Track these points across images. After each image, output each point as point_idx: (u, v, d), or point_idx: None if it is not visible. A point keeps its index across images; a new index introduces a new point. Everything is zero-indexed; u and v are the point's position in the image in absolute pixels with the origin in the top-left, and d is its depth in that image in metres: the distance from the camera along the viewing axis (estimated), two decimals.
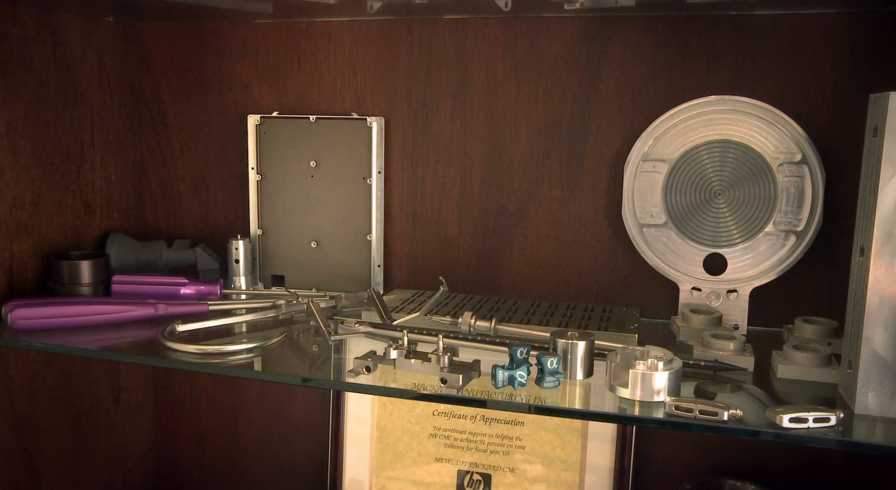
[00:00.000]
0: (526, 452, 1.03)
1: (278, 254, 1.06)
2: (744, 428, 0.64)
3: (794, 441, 0.62)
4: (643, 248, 0.93)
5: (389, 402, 1.07)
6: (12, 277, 0.92)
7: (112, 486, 1.13)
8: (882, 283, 0.64)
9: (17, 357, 0.94)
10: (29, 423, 0.97)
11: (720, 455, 0.98)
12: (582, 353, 0.73)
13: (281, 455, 1.15)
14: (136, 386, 1.16)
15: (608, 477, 1.00)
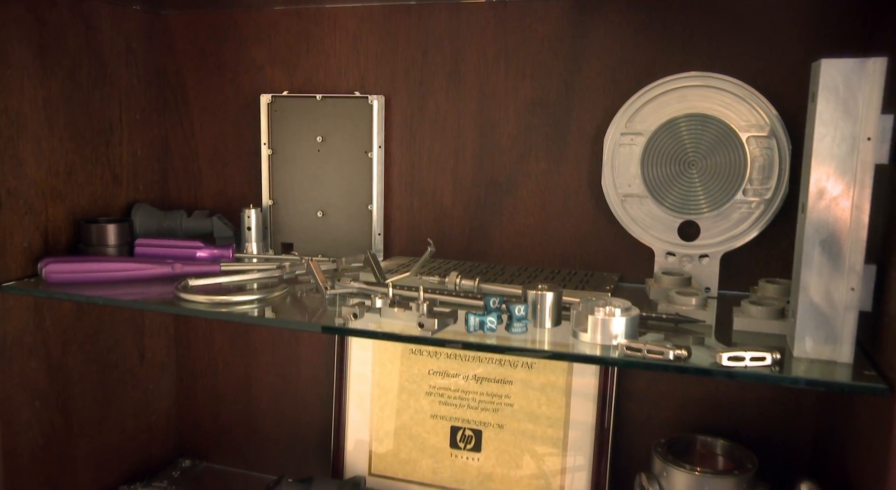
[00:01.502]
0: (514, 410, 1.10)
1: (287, 223, 1.15)
2: (686, 365, 0.70)
3: (729, 376, 0.69)
4: (622, 217, 1.00)
5: (389, 362, 1.15)
6: (47, 239, 1.03)
7: (136, 437, 1.22)
8: (816, 235, 0.69)
9: (51, 311, 1.04)
10: (62, 371, 1.07)
11: (696, 415, 1.04)
12: (550, 303, 0.80)
13: (290, 413, 1.24)
14: (160, 346, 1.26)
15: (590, 433, 1.06)
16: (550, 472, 1.08)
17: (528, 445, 1.09)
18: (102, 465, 1.16)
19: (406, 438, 1.15)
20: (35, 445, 1.04)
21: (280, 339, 1.23)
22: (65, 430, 1.09)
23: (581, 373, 1.06)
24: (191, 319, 1.27)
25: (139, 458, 1.23)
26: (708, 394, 1.03)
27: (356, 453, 1.18)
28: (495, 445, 1.11)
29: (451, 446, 1.13)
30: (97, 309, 1.12)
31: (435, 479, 1.14)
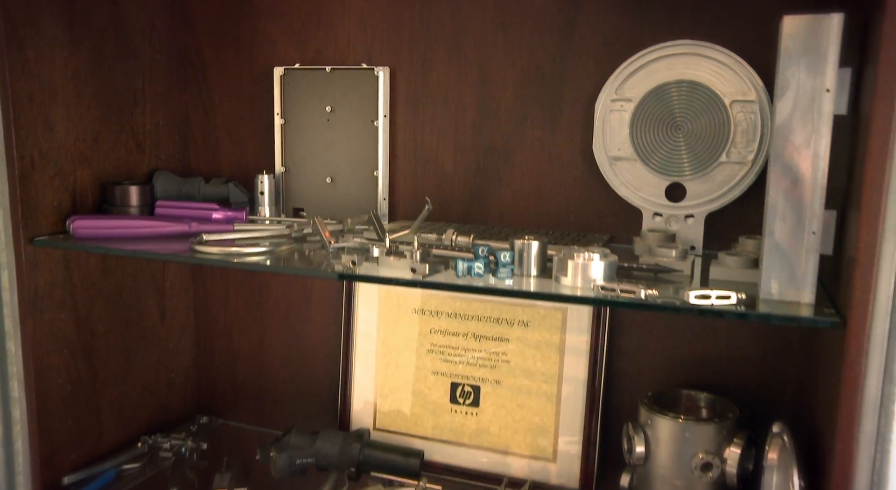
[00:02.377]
0: (511, 366, 1.15)
1: (298, 188, 1.21)
2: (656, 302, 0.75)
3: (695, 313, 0.74)
4: (612, 180, 1.05)
5: (393, 321, 1.21)
6: (75, 199, 1.10)
7: (157, 391, 1.30)
8: (780, 183, 0.74)
9: (78, 267, 1.12)
10: (88, 324, 1.15)
11: (684, 371, 1.09)
12: (535, 252, 0.86)
13: (301, 372, 1.31)
14: (179, 308, 1.33)
15: (582, 388, 1.11)
16: (545, 425, 1.13)
17: (523, 400, 1.14)
18: (125, 415, 1.24)
19: (408, 394, 1.21)
20: (64, 391, 1.12)
21: (292, 301, 1.29)
22: (91, 379, 1.16)
23: (574, 330, 1.11)
24: (209, 283, 1.35)
25: (159, 412, 1.31)
26: (695, 351, 1.08)
27: (362, 409, 1.24)
28: (493, 401, 1.16)
29: (451, 402, 1.19)
30: (120, 268, 1.20)
31: (435, 433, 1.20)
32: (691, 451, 0.96)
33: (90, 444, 1.18)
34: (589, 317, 1.10)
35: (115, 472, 1.18)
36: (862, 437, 0.69)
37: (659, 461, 0.98)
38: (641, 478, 1.01)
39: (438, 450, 1.19)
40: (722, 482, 0.96)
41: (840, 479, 0.70)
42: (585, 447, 1.11)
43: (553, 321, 1.12)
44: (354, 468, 1.13)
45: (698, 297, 0.74)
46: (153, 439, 1.25)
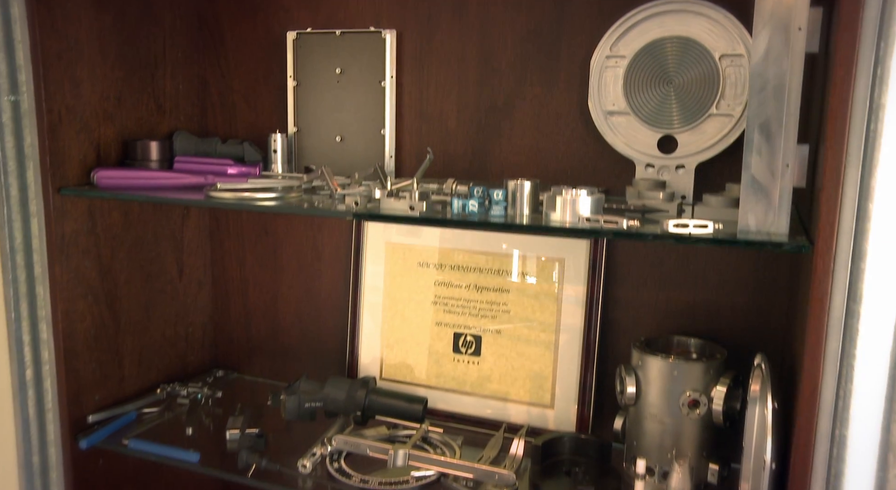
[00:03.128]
0: (511, 316, 1.20)
1: (310, 147, 1.27)
2: (637, 231, 0.80)
3: (672, 240, 0.78)
4: (607, 134, 1.09)
5: (399, 274, 1.27)
6: (99, 154, 1.17)
7: (175, 343, 1.37)
8: (756, 119, 0.78)
9: (102, 218, 1.19)
10: (111, 272, 1.21)
11: (676, 320, 1.13)
12: (528, 192, 0.91)
13: (312, 327, 1.37)
14: (197, 264, 1.40)
15: (579, 337, 1.16)
16: (543, 372, 1.18)
17: (522, 349, 1.19)
18: (144, 364, 1.30)
19: (413, 345, 1.26)
20: (88, 335, 1.19)
21: (304, 258, 1.35)
22: (113, 325, 1.23)
23: (571, 280, 1.16)
24: (225, 242, 1.41)
25: (177, 363, 1.38)
26: (687, 300, 1.12)
27: (369, 360, 1.30)
28: (493, 350, 1.21)
29: (453, 351, 1.24)
30: (141, 223, 1.27)
31: (438, 382, 1.25)
32: (679, 389, 1.00)
33: (112, 388, 1.24)
34: (585, 267, 1.15)
35: (136, 415, 1.24)
36: (828, 353, 0.74)
37: (649, 400, 1.02)
38: (633, 419, 1.05)
39: (441, 398, 1.24)
40: (709, 420, 1.00)
41: (808, 394, 0.75)
42: (581, 393, 1.16)
43: (551, 271, 1.17)
44: (360, 412, 1.18)
45: (676, 225, 0.79)
46: (171, 387, 1.32)
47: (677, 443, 1.01)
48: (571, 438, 1.12)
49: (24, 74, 1.07)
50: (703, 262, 1.10)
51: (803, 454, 0.76)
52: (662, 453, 1.02)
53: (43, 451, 1.21)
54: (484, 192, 0.91)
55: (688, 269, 1.11)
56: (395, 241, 1.26)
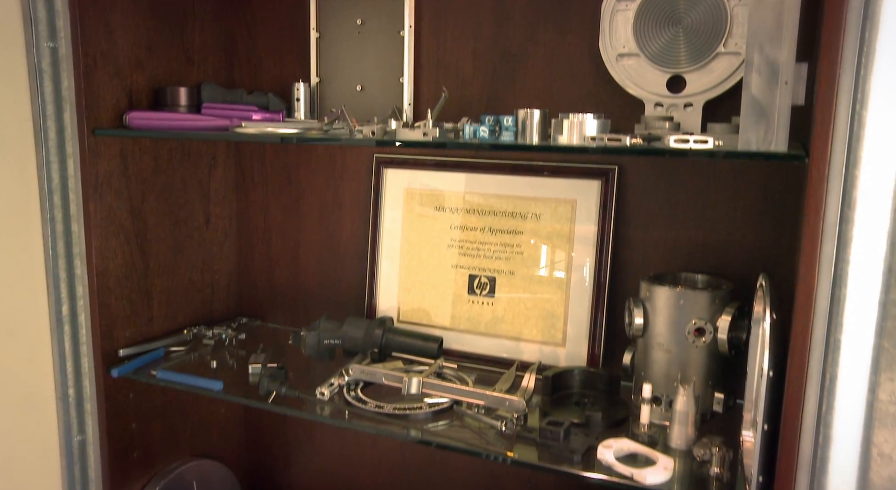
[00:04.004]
0: (524, 257, 1.24)
1: (331, 96, 1.32)
2: (640, 148, 0.83)
3: (674, 154, 0.81)
4: (617, 74, 1.12)
5: (416, 219, 1.31)
6: (131, 99, 1.23)
7: (202, 289, 1.42)
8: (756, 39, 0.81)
9: (133, 162, 1.25)
10: (142, 214, 1.27)
11: (684, 259, 1.15)
12: (537, 120, 0.94)
13: (332, 272, 1.41)
14: (223, 214, 1.45)
15: (590, 276, 1.19)
16: (555, 311, 1.21)
17: (536, 289, 1.23)
18: (172, 306, 1.36)
19: (430, 288, 1.31)
20: (119, 272, 1.25)
21: (325, 207, 1.40)
22: (143, 265, 1.29)
23: (582, 220, 1.19)
24: (251, 193, 1.46)
25: (203, 309, 1.43)
26: (697, 238, 1.14)
27: (386, 303, 1.34)
28: (507, 290, 1.25)
29: (468, 293, 1.28)
30: (171, 169, 1.32)
31: (454, 323, 1.29)
32: (686, 318, 1.03)
33: (142, 326, 1.30)
34: (596, 208, 1.18)
35: (163, 352, 1.30)
36: (823, 259, 0.76)
37: (656, 330, 1.05)
38: (641, 351, 1.08)
39: (456, 339, 1.28)
40: (714, 349, 1.03)
41: (803, 300, 0.77)
42: (592, 332, 1.19)
43: (563, 212, 1.20)
44: (377, 350, 1.23)
45: (677, 140, 0.82)
46: (197, 329, 1.37)
47: (683, 372, 1.04)
48: (581, 372, 1.15)
49: (61, 20, 1.13)
50: (711, 200, 1.13)
51: (799, 358, 0.79)
52: (669, 383, 1.05)
53: (78, 383, 1.27)
54: (495, 119, 0.95)
55: (696, 208, 1.14)
56: (413, 187, 1.30)
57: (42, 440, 1.30)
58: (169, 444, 1.38)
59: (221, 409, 1.50)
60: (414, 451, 1.40)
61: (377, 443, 1.44)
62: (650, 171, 1.16)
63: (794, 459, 0.81)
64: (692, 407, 0.98)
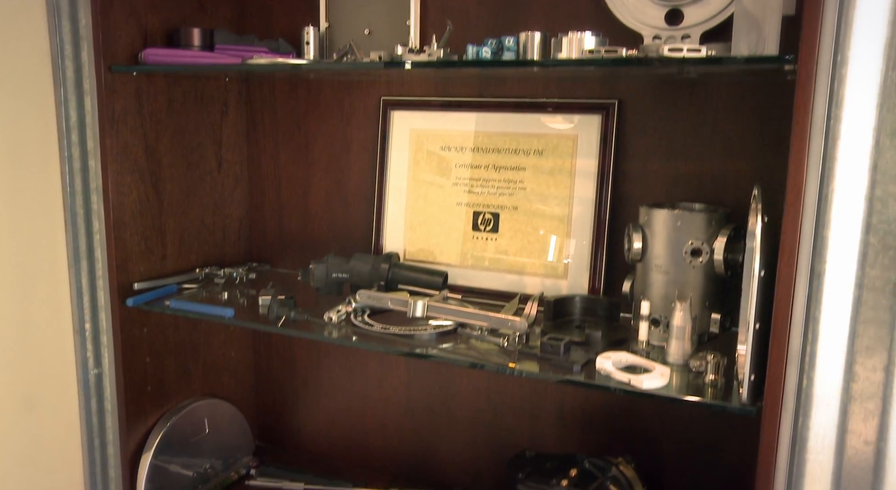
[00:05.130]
0: (527, 193, 1.27)
1: (340, 40, 1.35)
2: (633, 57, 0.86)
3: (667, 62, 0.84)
4: (618, 10, 1.15)
5: (422, 159, 1.34)
6: (146, 39, 1.27)
7: (214, 232, 1.46)
8: None
9: (148, 102, 1.29)
10: (156, 153, 1.31)
11: (683, 191, 1.18)
12: (538, 41, 0.98)
13: (340, 215, 1.45)
14: (234, 160, 1.49)
15: (591, 209, 1.22)
16: (557, 243, 1.25)
17: (538, 223, 1.26)
18: (185, 246, 1.40)
19: (435, 225, 1.34)
20: (134, 208, 1.29)
21: (333, 151, 1.44)
22: (157, 204, 1.33)
23: (583, 155, 1.22)
24: (261, 141, 1.50)
25: (214, 251, 1.47)
26: (695, 169, 1.17)
27: (393, 243, 1.37)
28: (510, 225, 1.28)
29: (472, 230, 1.31)
30: (184, 111, 1.36)
31: (458, 260, 1.32)
32: (683, 239, 1.06)
33: (156, 263, 1.34)
34: (597, 142, 1.21)
35: (176, 287, 1.34)
36: (811, 155, 0.79)
37: (655, 252, 1.08)
38: (640, 276, 1.11)
39: (461, 274, 1.32)
40: (711, 271, 1.06)
41: (793, 196, 0.80)
42: (593, 263, 1.22)
43: (565, 147, 1.23)
44: (384, 283, 1.26)
45: (671, 50, 0.85)
46: (209, 269, 1.41)
47: (681, 292, 1.07)
48: (582, 298, 1.18)
49: None
50: (709, 131, 1.16)
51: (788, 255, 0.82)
52: (667, 304, 1.08)
53: (94, 316, 1.32)
54: (497, 41, 0.98)
55: (695, 140, 1.17)
56: (419, 128, 1.34)
57: (60, 374, 1.35)
58: (181, 382, 1.42)
59: (232, 353, 1.54)
60: (420, 391, 1.44)
61: (383, 383, 1.47)
62: (650, 105, 1.19)
63: (784, 354, 0.84)
64: (689, 322, 1.01)
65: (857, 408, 0.82)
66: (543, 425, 1.34)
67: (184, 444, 1.39)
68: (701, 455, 1.23)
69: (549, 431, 1.33)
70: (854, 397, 0.82)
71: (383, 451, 1.50)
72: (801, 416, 0.85)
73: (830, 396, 0.83)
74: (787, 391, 0.85)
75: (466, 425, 1.41)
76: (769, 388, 0.85)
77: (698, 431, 1.22)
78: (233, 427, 1.51)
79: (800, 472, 0.86)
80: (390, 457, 1.49)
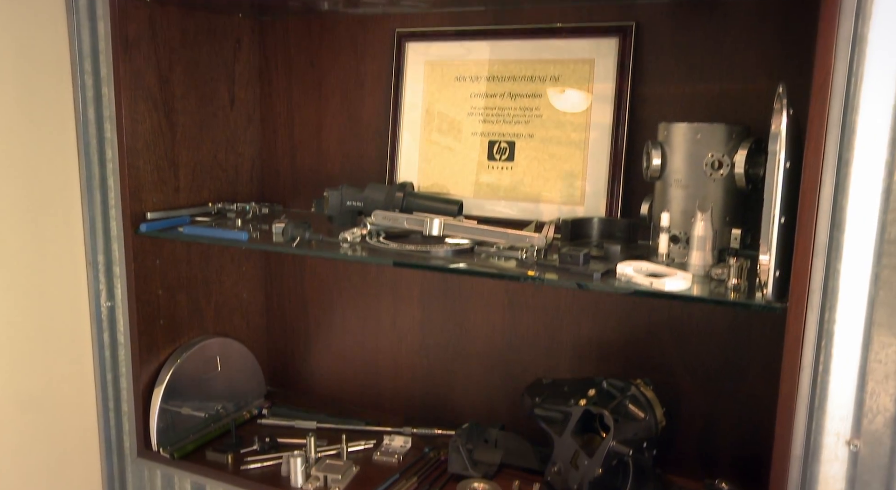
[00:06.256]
0: (543, 120, 1.26)
1: None
2: None
3: None
4: None
5: (437, 90, 1.33)
6: None
7: (226, 168, 1.45)
8: None
9: (161, 31, 1.28)
10: (169, 84, 1.30)
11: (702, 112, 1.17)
12: None
13: (354, 149, 1.44)
14: (247, 98, 1.48)
15: (608, 134, 1.21)
16: (573, 170, 1.24)
17: (554, 150, 1.25)
18: (197, 180, 1.39)
19: (449, 156, 1.33)
20: (147, 137, 1.28)
21: (347, 85, 1.42)
22: (170, 135, 1.32)
23: (600, 79, 1.21)
24: (274, 80, 1.49)
25: (227, 189, 1.46)
26: (714, 90, 1.16)
27: (407, 176, 1.36)
28: (526, 153, 1.27)
29: (488, 159, 1.30)
30: (197, 44, 1.35)
31: (474, 190, 1.31)
32: (703, 152, 1.04)
33: (169, 194, 1.33)
34: (614, 66, 1.20)
35: (189, 218, 1.33)
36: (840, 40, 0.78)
37: (674, 167, 1.07)
38: (658, 195, 1.10)
39: (476, 205, 1.31)
40: (731, 185, 1.04)
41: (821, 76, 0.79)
42: (610, 188, 1.21)
43: (583, 71, 1.22)
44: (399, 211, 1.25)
45: None
46: (222, 204, 1.40)
47: (702, 205, 1.05)
48: (600, 220, 1.17)
49: None
50: (730, 48, 1.14)
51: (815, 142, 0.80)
52: (686, 220, 1.06)
53: (107, 248, 1.31)
54: None
55: (714, 60, 1.15)
56: (434, 59, 1.33)
57: (73, 308, 1.34)
58: (193, 319, 1.41)
59: (244, 293, 1.53)
60: (433, 329, 1.43)
61: (397, 322, 1.46)
62: (667, 26, 1.17)
63: (811, 246, 0.83)
64: (710, 232, 1.00)
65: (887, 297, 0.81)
66: (559, 359, 1.33)
67: (196, 381, 1.38)
68: (719, 385, 1.21)
69: (565, 365, 1.32)
70: (882, 287, 0.81)
71: (397, 391, 1.49)
72: (827, 311, 0.84)
73: (858, 288, 0.82)
74: (814, 285, 0.83)
75: (481, 362, 1.40)
76: (795, 281, 0.84)
77: (716, 358, 1.21)
78: (245, 368, 1.51)
79: (826, 369, 0.85)
80: (404, 397, 1.48)
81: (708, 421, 1.23)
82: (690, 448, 1.25)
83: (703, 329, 1.21)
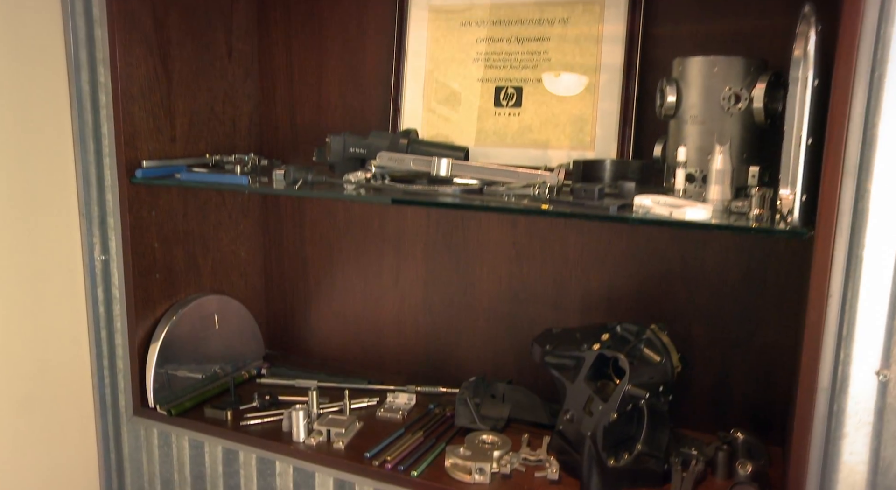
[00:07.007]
0: (551, 64, 1.22)
1: None
2: None
3: None
4: None
5: (441, 37, 1.29)
6: None
7: (223, 122, 1.41)
8: None
9: None
10: (165, 29, 1.26)
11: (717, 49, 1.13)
12: None
13: (356, 100, 1.40)
14: (245, 51, 1.44)
15: (619, 76, 1.18)
16: (583, 115, 1.20)
17: (563, 95, 1.21)
18: (194, 131, 1.35)
19: (455, 103, 1.29)
20: (143, 82, 1.23)
21: (349, 34, 1.38)
22: (166, 81, 1.28)
23: (611, 20, 1.17)
24: (273, 30, 1.45)
25: (224, 142, 1.42)
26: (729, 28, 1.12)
27: (411, 122, 1.32)
28: (534, 99, 1.23)
29: (494, 105, 1.26)
30: None
31: (480, 137, 1.28)
32: (720, 86, 1.01)
33: (165, 144, 1.29)
34: (625, 5, 1.16)
35: (186, 168, 1.29)
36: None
37: (690, 103, 1.03)
38: (673, 133, 1.07)
39: (483, 153, 1.27)
40: (749, 121, 1.01)
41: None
42: (622, 131, 1.18)
43: (592, 14, 1.18)
44: None
45: None
46: (220, 156, 1.36)
47: (719, 139, 1.02)
48: (613, 162, 1.14)
49: None
50: None
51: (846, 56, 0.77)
52: (703, 157, 1.03)
53: (101, 198, 1.26)
54: None
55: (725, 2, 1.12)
56: (438, 4, 1.29)
57: (66, 263, 1.30)
58: (190, 274, 1.37)
59: (242, 251, 1.49)
60: (437, 285, 1.39)
61: (399, 280, 1.43)
62: None
63: (840, 164, 0.79)
64: (728, 166, 0.96)
65: None
66: (567, 313, 1.29)
67: (193, 339, 1.34)
68: (732, 335, 1.18)
69: (574, 318, 1.29)
70: None
71: (400, 350, 1.45)
72: (856, 234, 0.81)
73: (890, 209, 0.79)
74: (843, 207, 0.80)
75: (487, 317, 1.36)
76: (823, 204, 0.81)
77: (730, 308, 1.18)
78: (243, 328, 1.46)
79: (855, 295, 0.81)
80: (408, 356, 1.45)
81: (721, 372, 1.20)
82: (703, 400, 1.22)
83: (717, 278, 1.18)
